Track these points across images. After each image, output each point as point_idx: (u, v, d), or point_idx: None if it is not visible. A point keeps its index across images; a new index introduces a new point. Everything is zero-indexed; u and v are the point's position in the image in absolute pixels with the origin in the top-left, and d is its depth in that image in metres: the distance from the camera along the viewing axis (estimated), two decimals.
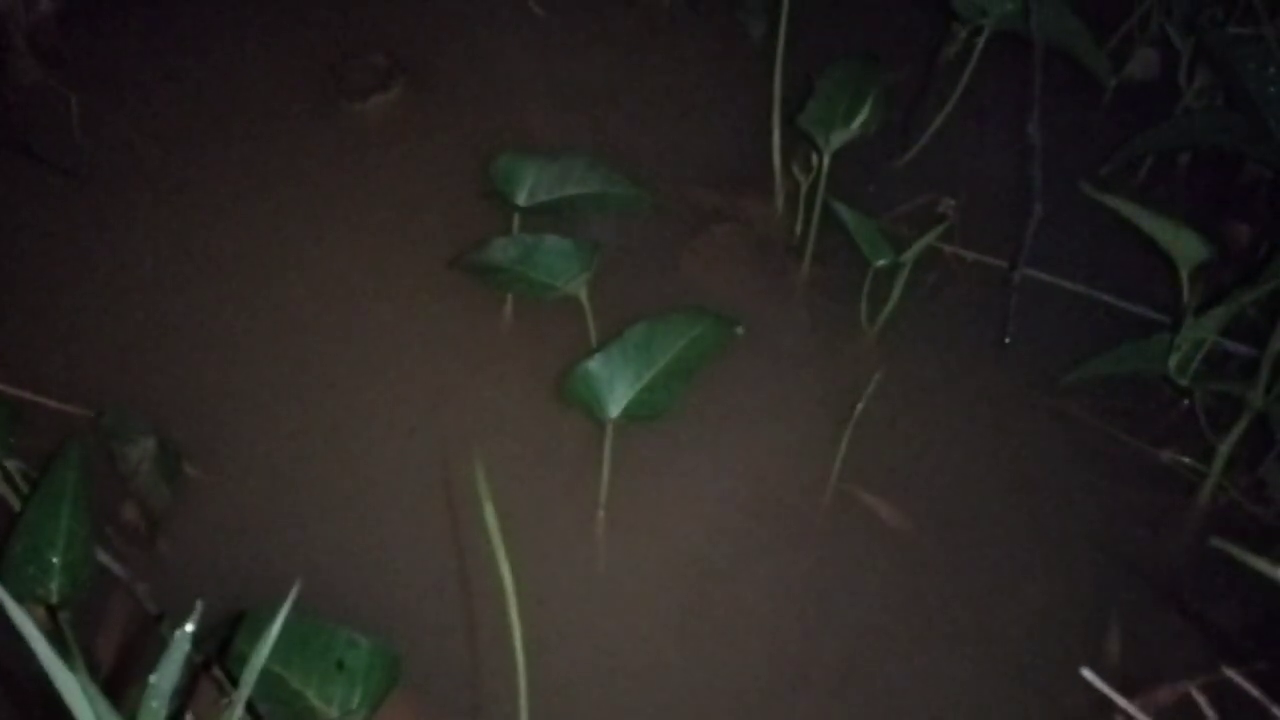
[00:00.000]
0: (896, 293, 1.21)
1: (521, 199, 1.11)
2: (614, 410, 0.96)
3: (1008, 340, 1.21)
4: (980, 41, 1.33)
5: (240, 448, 1.11)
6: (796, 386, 1.23)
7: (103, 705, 0.46)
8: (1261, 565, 0.35)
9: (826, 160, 1.22)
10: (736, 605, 1.08)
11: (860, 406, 1.09)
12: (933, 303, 1.30)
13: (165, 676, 0.48)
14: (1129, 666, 1.04)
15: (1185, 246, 0.98)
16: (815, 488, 1.14)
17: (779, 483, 1.15)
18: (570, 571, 1.07)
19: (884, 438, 1.17)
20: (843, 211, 1.18)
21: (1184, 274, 0.99)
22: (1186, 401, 1.17)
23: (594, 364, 0.95)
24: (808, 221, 1.29)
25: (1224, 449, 1.10)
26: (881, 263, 1.18)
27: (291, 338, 1.20)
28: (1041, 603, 1.10)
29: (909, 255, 1.17)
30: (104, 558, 0.91)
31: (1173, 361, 0.99)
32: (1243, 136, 1.13)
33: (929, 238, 1.16)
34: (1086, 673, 0.57)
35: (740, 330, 1.07)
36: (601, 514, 1.07)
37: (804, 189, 1.29)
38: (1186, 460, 1.17)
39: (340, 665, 0.78)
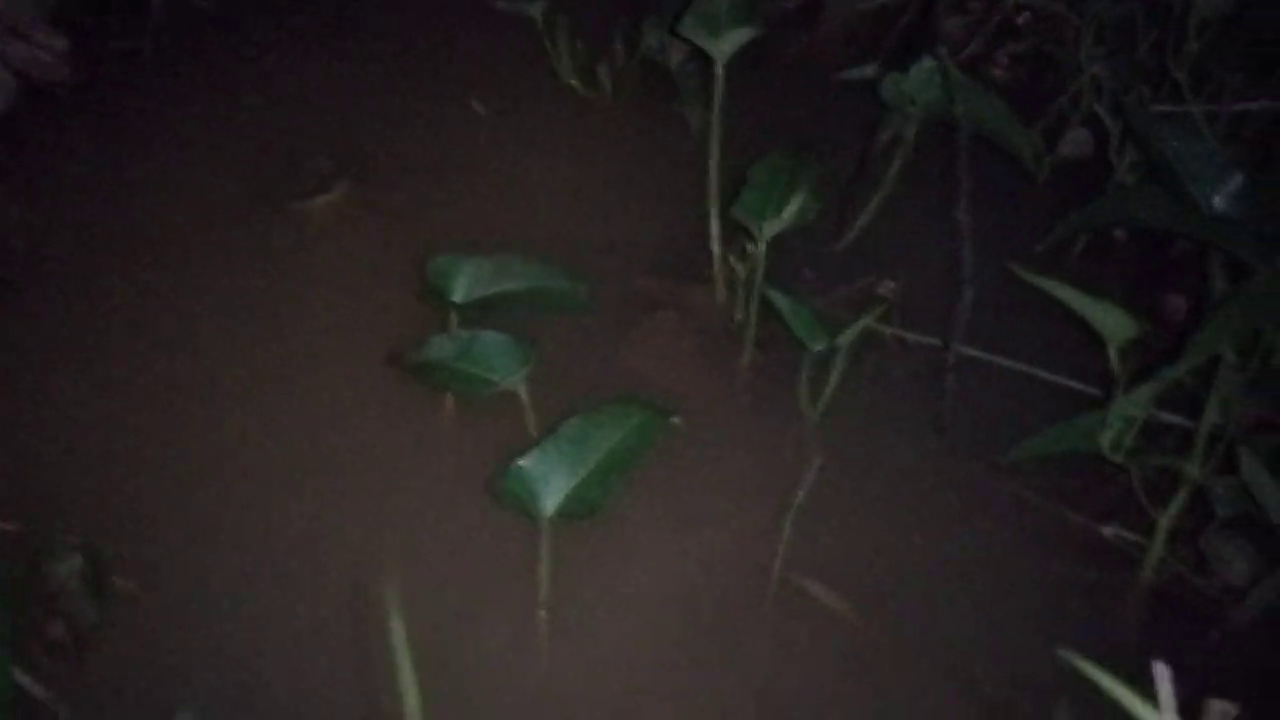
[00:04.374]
0: (834, 377, 1.22)
1: (458, 296, 1.12)
2: (549, 508, 0.95)
3: (945, 422, 1.21)
4: (911, 128, 1.35)
5: (173, 561, 1.09)
6: (738, 475, 1.23)
7: None
8: (1119, 692, 0.35)
9: (762, 248, 1.23)
10: (686, 702, 1.07)
11: (801, 494, 1.08)
12: (874, 385, 1.31)
13: None
14: None
15: (1113, 323, 0.98)
16: (759, 578, 1.13)
17: (723, 574, 1.14)
18: (512, 673, 1.06)
19: (827, 524, 1.17)
20: (778, 298, 1.19)
21: (1113, 351, 0.99)
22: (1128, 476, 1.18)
23: (527, 462, 0.95)
24: (747, 309, 1.30)
25: (1164, 523, 1.10)
26: (818, 347, 1.18)
27: (227, 443, 1.20)
28: (989, 687, 1.08)
29: (844, 339, 1.17)
30: (25, 680, 0.89)
31: (1105, 439, 0.99)
32: (1168, 212, 1.14)
33: (863, 321, 1.17)
34: None
35: (676, 421, 1.06)
36: (543, 614, 1.06)
37: (743, 277, 1.30)
38: (1130, 535, 1.17)
39: None
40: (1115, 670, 1.11)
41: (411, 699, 0.48)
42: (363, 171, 1.47)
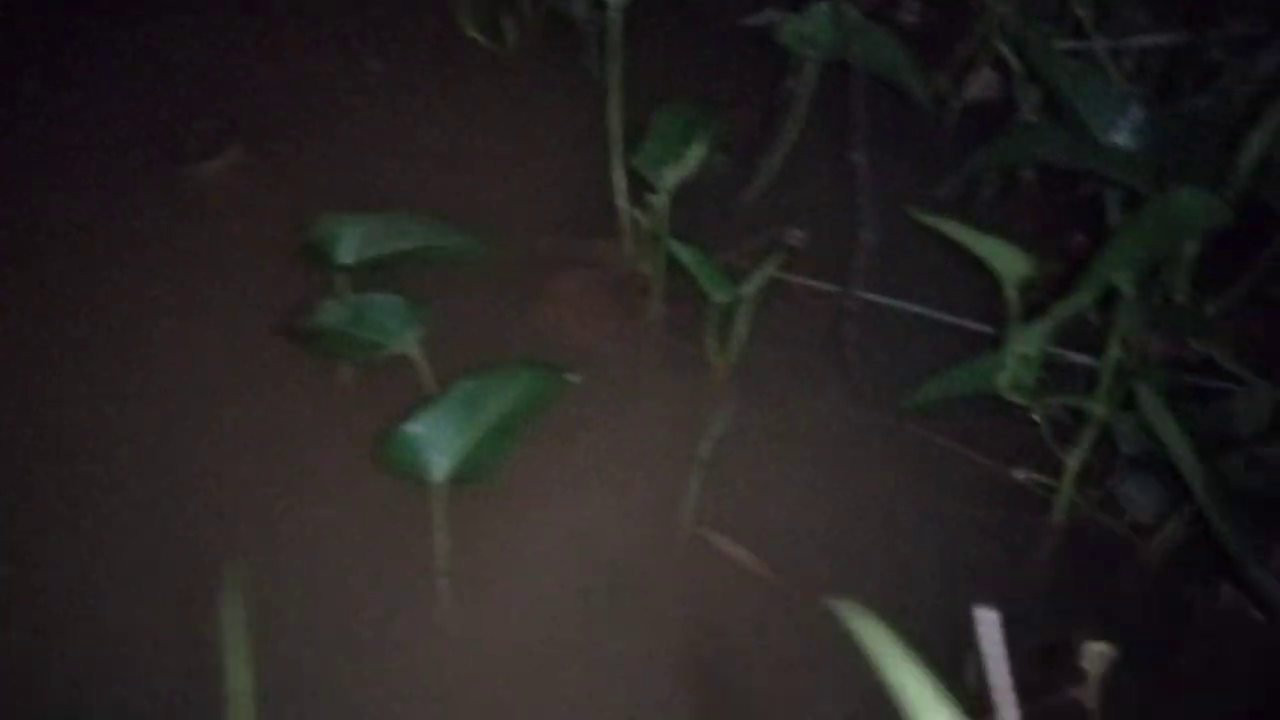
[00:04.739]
0: (741, 328, 1.20)
1: (345, 258, 1.08)
2: (438, 474, 0.92)
3: (849, 370, 1.20)
4: (813, 73, 1.32)
5: (44, 540, 1.05)
6: (647, 431, 1.20)
7: None
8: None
9: (664, 199, 1.20)
10: (596, 663, 1.05)
11: (706, 449, 1.07)
12: (785, 336, 1.29)
13: None
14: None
15: (1007, 261, 0.97)
16: (668, 536, 1.11)
17: (631, 532, 1.12)
18: (415, 643, 1.03)
19: (736, 477, 1.15)
20: (681, 249, 1.16)
21: (1010, 289, 0.98)
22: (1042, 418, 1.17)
23: (414, 427, 0.92)
24: (654, 263, 1.28)
25: (1072, 464, 1.09)
26: (723, 299, 1.16)
27: (108, 420, 1.15)
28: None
29: (748, 289, 1.15)
30: None
31: (1002, 379, 0.98)
32: (1067, 148, 1.13)
33: (766, 270, 1.15)
34: None
35: (574, 378, 1.04)
36: (443, 582, 1.03)
37: (648, 230, 1.27)
38: (1040, 478, 1.16)
39: None
40: (1029, 612, 1.11)
41: (241, 679, 0.45)
42: (255, 134, 1.42)
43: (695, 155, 1.19)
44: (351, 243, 1.07)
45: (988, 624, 0.33)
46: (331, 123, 1.44)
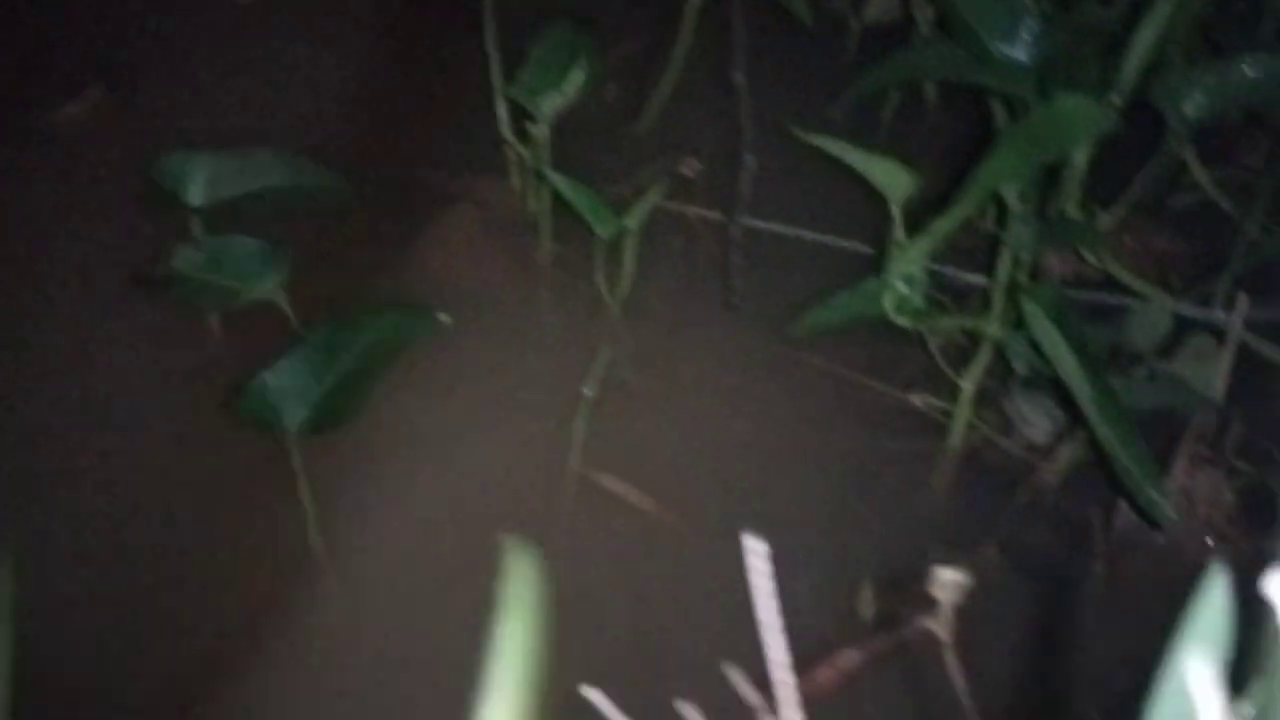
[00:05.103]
0: (630, 263, 1.15)
1: (195, 199, 1.01)
2: (293, 424, 0.87)
3: (736, 299, 1.16)
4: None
5: None
6: (536, 372, 1.16)
7: None
8: None
9: (544, 128, 1.15)
10: (483, 611, 1.01)
11: (591, 388, 1.02)
12: (679, 268, 1.25)
13: None
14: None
15: (891, 179, 0.93)
16: (556, 479, 1.07)
17: (519, 476, 1.08)
18: (291, 602, 0.98)
19: (627, 415, 1.11)
20: (561, 181, 1.11)
21: (894, 208, 0.94)
22: (936, 341, 1.14)
23: (269, 375, 0.86)
24: (540, 198, 1.22)
25: (967, 386, 1.06)
26: (607, 232, 1.11)
27: None
28: (801, 568, 1.05)
29: (632, 221, 1.11)
30: None
31: (887, 301, 0.94)
32: (958, 62, 1.09)
33: (650, 200, 1.10)
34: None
35: (444, 318, 0.99)
36: (318, 541, 0.98)
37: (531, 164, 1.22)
38: (938, 402, 1.13)
39: None
40: (930, 537, 1.08)
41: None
42: (116, 75, 1.34)
43: (574, 83, 1.14)
44: (201, 183, 1.00)
45: (755, 554, 0.29)
46: (195, 61, 1.37)
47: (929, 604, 0.90)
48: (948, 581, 0.48)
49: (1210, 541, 1.01)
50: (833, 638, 0.95)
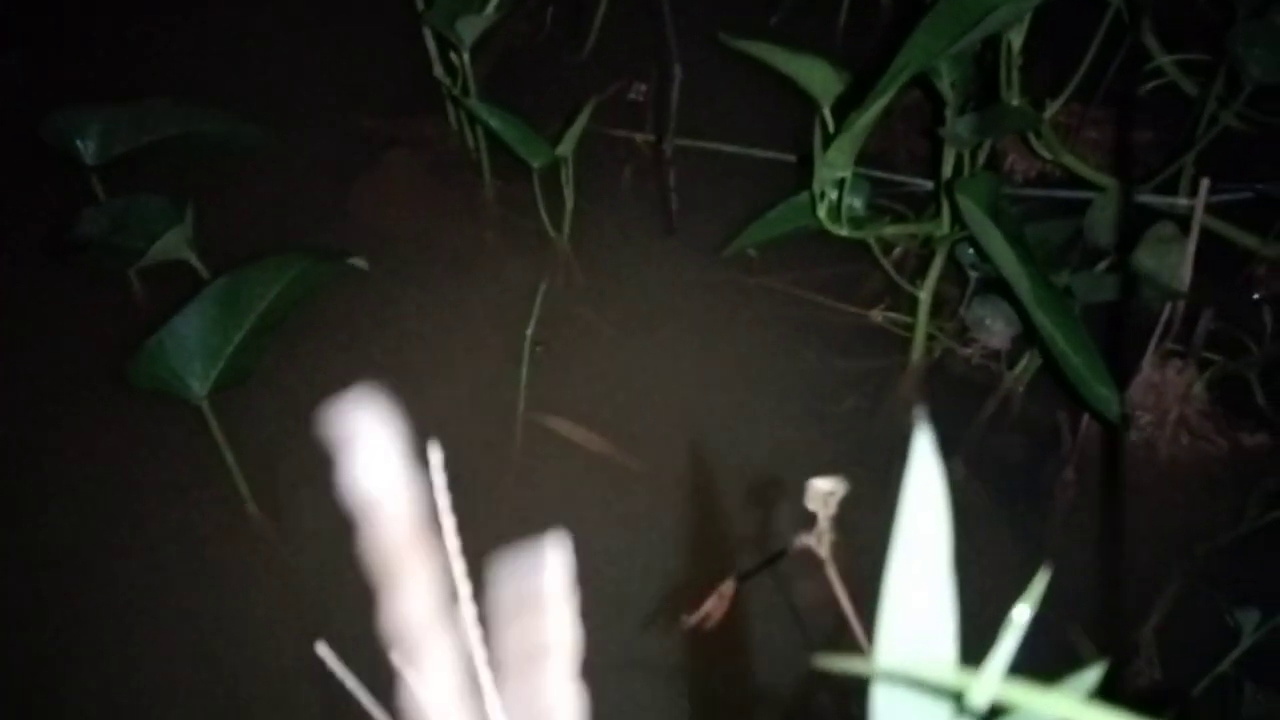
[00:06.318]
0: (569, 194, 1.11)
1: (90, 157, 0.97)
2: (200, 386, 0.83)
3: (674, 222, 1.11)
4: None
5: None
6: (481, 314, 1.12)
7: None
8: None
9: (466, 57, 1.10)
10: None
11: (533, 327, 0.98)
12: (630, 197, 1.20)
13: None
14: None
15: (819, 80, 0.88)
16: (503, 422, 1.03)
17: (464, 425, 1.04)
18: (231, 577, 0.95)
19: (575, 354, 1.07)
20: (488, 113, 1.06)
21: (825, 111, 0.89)
22: (893, 254, 1.10)
23: (165, 336, 0.82)
24: (476, 135, 1.18)
25: (924, 296, 1.02)
26: (540, 163, 1.07)
27: None
28: (761, 495, 1.01)
29: (564, 149, 1.06)
30: None
31: (821, 211, 0.89)
32: None
33: (579, 126, 1.05)
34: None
35: (359, 262, 0.95)
36: (252, 509, 0.95)
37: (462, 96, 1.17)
38: (899, 317, 1.09)
39: None
40: (894, 456, 1.04)
41: None
42: (19, 34, 1.29)
43: (493, 4, 1.08)
44: (94, 140, 0.96)
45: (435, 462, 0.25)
46: (111, 14, 1.31)
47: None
48: (820, 493, 0.44)
49: (1183, 438, 0.96)
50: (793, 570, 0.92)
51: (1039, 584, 0.25)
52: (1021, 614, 0.23)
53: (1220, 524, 0.96)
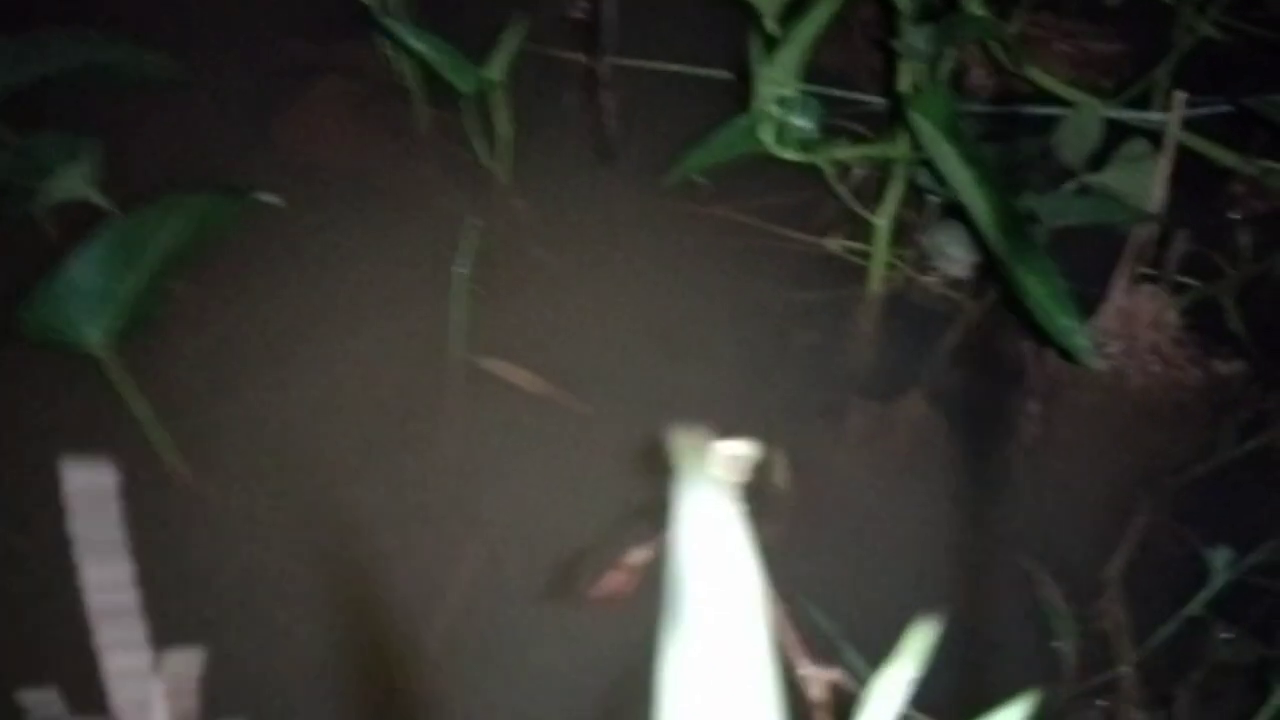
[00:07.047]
0: (502, 121, 1.04)
1: None
2: (96, 336, 0.76)
3: (613, 149, 1.04)
4: None
5: None
6: (415, 252, 1.06)
7: None
8: None
9: None
10: (380, 498, 0.93)
11: (464, 264, 0.92)
12: (570, 122, 1.13)
13: None
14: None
15: None
16: (438, 365, 0.97)
17: (400, 369, 0.99)
18: (163, 543, 0.90)
19: (515, 292, 1.01)
20: (410, 36, 0.99)
21: (768, 22, 0.82)
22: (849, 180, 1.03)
23: (56, 281, 0.76)
24: (409, 59, 1.11)
25: (881, 222, 0.96)
26: (469, 87, 1.00)
27: None
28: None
29: (494, 72, 0.99)
30: None
31: (765, 133, 0.83)
32: None
33: (508, 47, 0.98)
34: None
35: (271, 198, 0.88)
36: (182, 472, 0.90)
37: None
38: (856, 244, 1.03)
39: None
40: (852, 391, 0.98)
41: None
42: None
43: None
44: None
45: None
46: None
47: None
48: (726, 457, 0.38)
49: (1155, 367, 0.91)
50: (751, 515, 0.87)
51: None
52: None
53: (1192, 456, 0.92)
